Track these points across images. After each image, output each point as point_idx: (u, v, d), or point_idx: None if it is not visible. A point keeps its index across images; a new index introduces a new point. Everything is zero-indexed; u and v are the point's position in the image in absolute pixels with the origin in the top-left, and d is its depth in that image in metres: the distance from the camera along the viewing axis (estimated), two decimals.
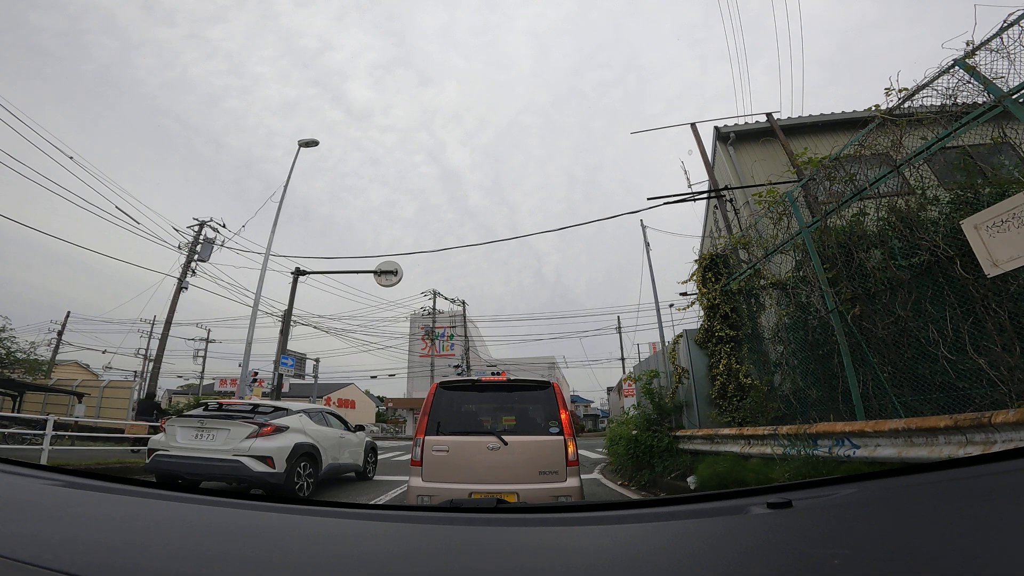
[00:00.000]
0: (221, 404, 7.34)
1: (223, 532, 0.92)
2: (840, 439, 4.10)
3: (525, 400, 4.90)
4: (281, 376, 15.14)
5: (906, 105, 5.19)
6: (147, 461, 6.57)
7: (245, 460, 6.17)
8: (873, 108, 5.66)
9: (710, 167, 12.30)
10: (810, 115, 13.03)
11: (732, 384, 6.81)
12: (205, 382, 44.28)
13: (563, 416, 4.55)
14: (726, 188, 11.23)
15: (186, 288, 22.17)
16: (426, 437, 4.47)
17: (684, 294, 9.10)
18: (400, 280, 16.32)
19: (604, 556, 0.75)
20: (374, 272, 16.44)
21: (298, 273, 16.85)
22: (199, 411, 7.03)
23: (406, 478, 5.52)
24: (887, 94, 5.55)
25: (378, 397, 55.20)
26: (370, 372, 42.36)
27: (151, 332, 43.66)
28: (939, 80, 4.66)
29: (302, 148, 19.28)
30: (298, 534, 0.92)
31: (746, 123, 13.31)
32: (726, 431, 5.93)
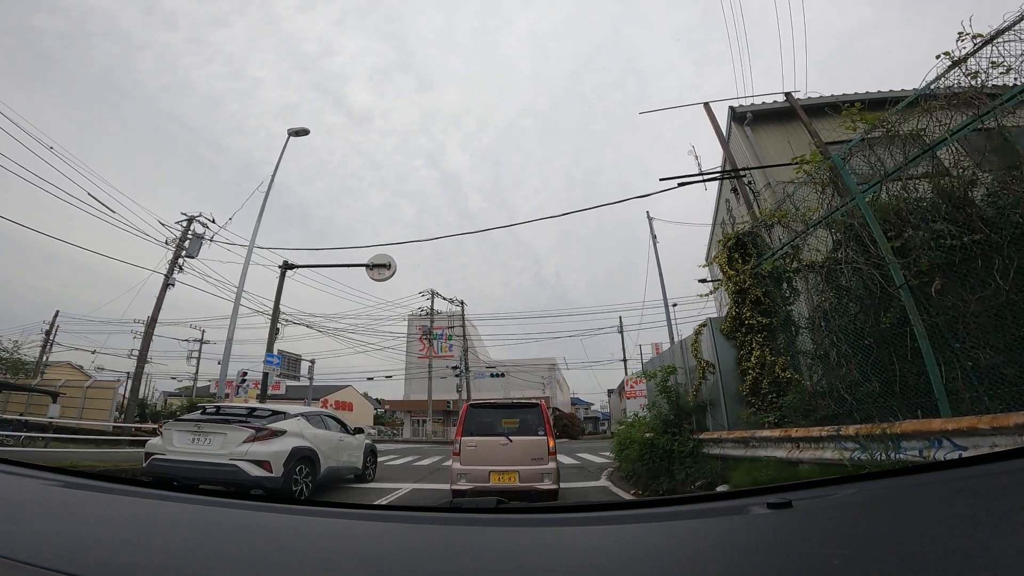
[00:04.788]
0: (219, 408, 7.34)
1: (222, 532, 0.93)
2: (936, 439, 3.18)
3: (523, 414, 6.86)
4: (267, 375, 14.20)
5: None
6: (144, 465, 6.50)
7: (242, 464, 6.11)
8: (943, 56, 4.80)
9: (726, 143, 11.40)
10: (832, 95, 12.16)
11: (766, 379, 5.88)
12: (201, 384, 43.23)
13: (547, 424, 6.66)
14: (747, 168, 10.33)
15: (172, 285, 21.33)
16: (463, 438, 6.54)
17: (703, 280, 8.17)
18: (394, 274, 15.39)
19: (604, 556, 0.76)
20: (366, 265, 15.52)
21: (286, 267, 15.96)
22: (196, 415, 7.04)
23: (399, 485, 7.81)
24: (960, 39, 4.69)
25: (376, 400, 54.17)
26: (367, 373, 41.24)
27: (145, 332, 42.66)
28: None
29: (292, 137, 18.52)
30: (297, 534, 0.93)
31: (763, 103, 12.50)
32: (765, 433, 5.00)
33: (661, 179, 10.24)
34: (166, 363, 45.87)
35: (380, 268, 15.37)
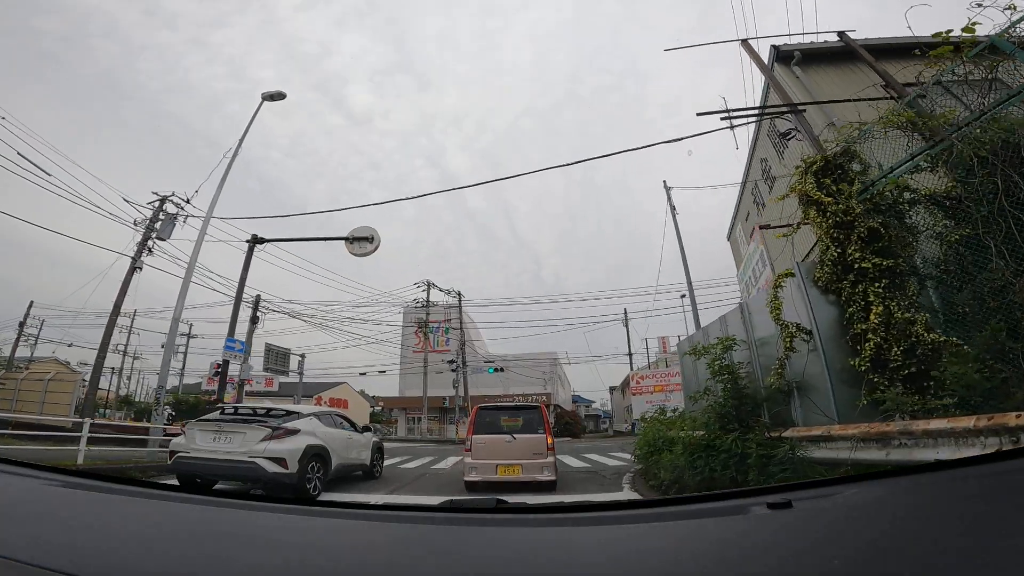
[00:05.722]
0: (237, 408, 7.83)
1: (221, 532, 0.93)
2: None
3: (526, 415, 7.96)
4: (227, 362, 12.23)
5: None
6: (169, 462, 6.80)
7: (260, 461, 6.33)
8: None
9: (770, 72, 9.47)
10: (894, 36, 10.29)
11: (898, 346, 3.96)
12: (193, 380, 41.18)
13: (546, 424, 7.72)
14: (806, 104, 8.40)
15: (140, 269, 19.48)
16: (473, 436, 7.63)
17: (766, 226, 6.22)
18: (376, 248, 13.44)
19: (603, 556, 0.75)
20: (346, 239, 13.58)
21: (254, 241, 14.03)
22: (216, 415, 7.45)
23: (370, 496, 7.85)
24: None
25: (372, 397, 52.23)
26: (359, 368, 39.04)
27: (131, 327, 40.66)
28: None
29: (267, 101, 16.62)
30: (296, 533, 0.92)
31: (812, 42, 10.65)
32: (940, 424, 3.05)
33: (699, 114, 8.30)
34: (148, 358, 43.64)
35: (361, 241, 13.42)
